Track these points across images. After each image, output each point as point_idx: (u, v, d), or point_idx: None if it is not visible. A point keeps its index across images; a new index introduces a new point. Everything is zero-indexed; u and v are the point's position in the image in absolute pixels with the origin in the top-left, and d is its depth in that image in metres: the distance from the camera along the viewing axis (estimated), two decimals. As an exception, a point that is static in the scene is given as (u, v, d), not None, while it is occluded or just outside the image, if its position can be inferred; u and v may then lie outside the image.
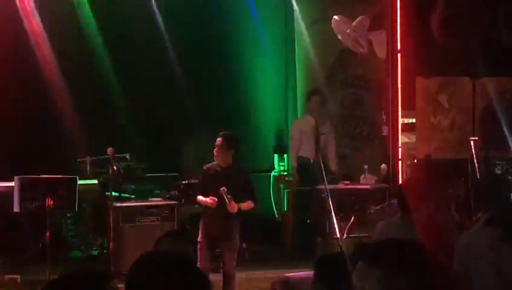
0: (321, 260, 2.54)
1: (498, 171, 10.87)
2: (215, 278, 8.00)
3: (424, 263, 2.49)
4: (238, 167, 8.55)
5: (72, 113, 11.49)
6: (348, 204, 10.52)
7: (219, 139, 8.41)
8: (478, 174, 10.02)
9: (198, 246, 8.19)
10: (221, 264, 8.54)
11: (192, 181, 10.30)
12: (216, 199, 8.26)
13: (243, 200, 8.39)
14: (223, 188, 8.20)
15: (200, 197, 8.45)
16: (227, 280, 8.38)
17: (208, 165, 8.56)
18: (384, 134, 11.84)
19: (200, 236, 8.35)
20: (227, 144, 8.39)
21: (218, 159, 8.44)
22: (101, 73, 11.73)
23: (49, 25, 11.55)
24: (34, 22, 11.51)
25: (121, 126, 11.73)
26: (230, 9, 12.39)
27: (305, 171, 11.25)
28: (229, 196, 8.22)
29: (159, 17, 11.95)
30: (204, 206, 8.46)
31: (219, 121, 11.85)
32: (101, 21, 11.81)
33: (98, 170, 10.71)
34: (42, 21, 11.53)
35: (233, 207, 8.29)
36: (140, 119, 11.91)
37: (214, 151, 8.43)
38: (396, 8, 11.54)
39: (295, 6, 12.12)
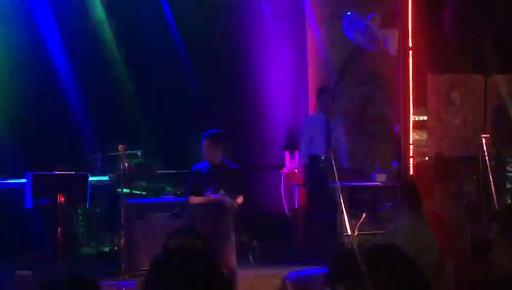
0: (336, 256, 2.54)
1: (509, 169, 10.85)
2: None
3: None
4: (228, 162, 8.60)
5: (84, 110, 11.54)
6: (359, 201, 10.51)
7: (204, 141, 8.41)
8: (490, 173, 10.00)
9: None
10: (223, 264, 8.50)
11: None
12: (214, 195, 8.32)
13: (236, 195, 8.48)
14: (223, 193, 8.28)
15: (198, 198, 8.45)
16: (231, 277, 8.37)
17: (197, 166, 8.59)
18: (395, 132, 11.82)
19: None
20: (213, 143, 8.42)
21: (208, 159, 8.46)
22: (113, 70, 11.78)
23: (62, 23, 11.61)
24: (47, 20, 11.58)
25: (132, 123, 11.76)
26: (241, 6, 12.40)
27: (316, 168, 11.22)
28: (227, 198, 8.33)
29: (169, 13, 11.98)
30: (197, 208, 8.49)
31: (230, 117, 11.89)
32: (112, 19, 11.86)
33: (109, 167, 10.74)
34: (55, 19, 11.59)
35: (228, 201, 8.37)
36: (151, 116, 11.94)
37: (204, 152, 8.43)
38: (408, 5, 11.51)
39: (308, 2, 12.13)
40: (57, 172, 9.31)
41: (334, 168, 9.53)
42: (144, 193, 10.89)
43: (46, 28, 11.63)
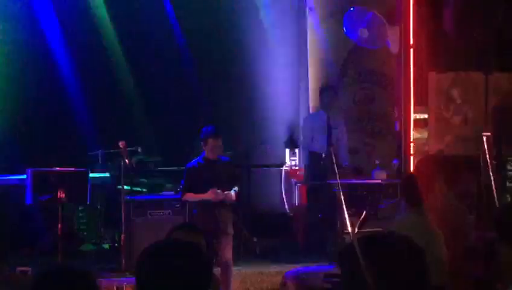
0: (344, 251, 2.53)
1: (509, 168, 10.84)
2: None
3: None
4: (225, 159, 8.72)
5: (85, 106, 11.55)
6: (359, 199, 10.51)
7: (218, 139, 8.45)
8: (490, 171, 10.01)
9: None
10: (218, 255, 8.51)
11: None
12: (215, 191, 8.39)
13: (233, 186, 8.62)
14: (219, 191, 8.36)
15: (196, 195, 8.53)
16: (226, 269, 8.43)
17: (192, 163, 8.66)
18: (396, 130, 11.82)
19: None
20: (221, 141, 8.53)
21: (212, 156, 8.49)
22: (113, 67, 11.79)
23: (63, 18, 11.62)
24: (48, 16, 11.60)
25: (133, 120, 11.77)
26: (242, 4, 12.41)
27: (317, 166, 11.23)
28: (225, 192, 8.41)
29: (170, 11, 12.00)
30: (196, 203, 8.59)
31: (230, 115, 11.90)
32: (114, 15, 11.87)
33: (110, 163, 10.75)
34: (56, 14, 11.60)
35: (231, 197, 8.52)
36: (152, 113, 11.95)
37: (211, 151, 8.46)
38: (410, 3, 11.50)
39: (308, 0, 12.14)
40: (57, 168, 9.31)
41: (335, 166, 9.56)
42: (144, 189, 10.88)
43: (47, 24, 11.64)
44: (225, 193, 8.46)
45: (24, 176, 9.30)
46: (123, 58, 11.87)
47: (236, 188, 8.68)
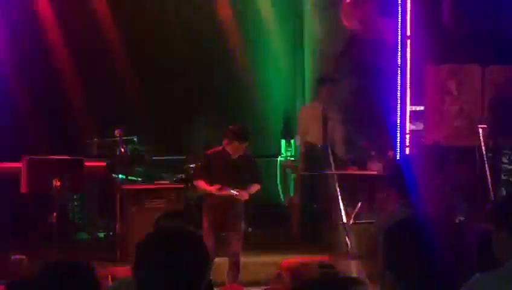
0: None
1: (504, 161, 10.87)
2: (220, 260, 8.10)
3: None
4: (245, 154, 8.53)
5: (80, 94, 11.55)
6: (354, 190, 10.54)
7: (244, 142, 8.31)
8: (486, 162, 10.03)
9: (205, 232, 8.15)
10: (227, 246, 8.52)
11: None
12: (221, 187, 8.27)
13: (250, 185, 8.45)
14: (232, 191, 8.26)
15: (205, 186, 8.40)
16: (234, 261, 8.44)
17: (214, 151, 8.52)
18: (392, 121, 11.84)
19: (205, 223, 8.33)
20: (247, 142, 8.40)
21: (233, 153, 8.34)
22: (110, 56, 11.79)
23: (59, 7, 11.61)
24: (44, 4, 11.59)
25: (129, 108, 11.78)
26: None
27: (313, 157, 11.27)
28: (236, 191, 8.29)
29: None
30: (208, 193, 8.44)
31: (226, 105, 11.93)
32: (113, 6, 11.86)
33: (105, 152, 10.74)
34: (52, 3, 11.59)
35: (244, 196, 8.38)
36: (148, 102, 11.96)
37: (232, 150, 8.33)
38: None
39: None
40: (53, 157, 9.31)
41: (330, 157, 9.59)
42: (139, 179, 10.90)
43: (44, 11, 11.61)
44: (236, 191, 8.29)
45: (19, 164, 9.28)
46: (120, 47, 11.86)
47: (255, 186, 8.48)
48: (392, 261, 2.96)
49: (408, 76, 11.47)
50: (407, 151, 11.35)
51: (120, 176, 10.11)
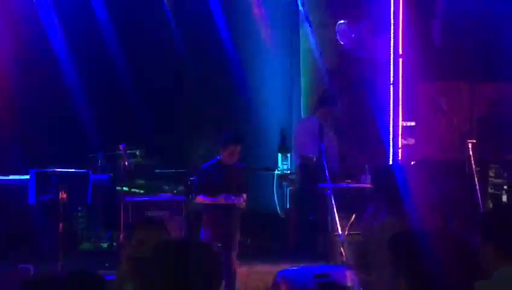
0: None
1: (491, 174, 11.05)
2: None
3: None
4: (237, 164, 8.70)
5: (86, 110, 11.66)
6: (349, 202, 10.67)
7: (237, 146, 8.45)
8: (475, 177, 10.24)
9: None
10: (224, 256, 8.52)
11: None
12: (226, 195, 8.46)
13: (241, 194, 8.62)
14: (228, 196, 8.45)
15: (206, 199, 8.55)
16: (230, 271, 8.55)
17: (207, 166, 8.67)
18: (384, 136, 12.00)
19: (206, 234, 8.52)
20: (241, 147, 8.57)
21: (228, 161, 8.52)
22: (114, 70, 11.82)
23: (64, 19, 11.76)
24: (51, 17, 11.74)
25: (132, 123, 11.88)
26: (237, 10, 12.61)
27: (308, 170, 11.41)
28: (233, 197, 8.50)
29: (170, 17, 12.17)
30: (208, 206, 8.58)
31: (225, 118, 12.05)
32: (114, 17, 11.97)
33: (110, 165, 10.93)
34: (59, 16, 11.74)
35: (241, 204, 8.56)
36: (151, 117, 12.00)
37: (229, 155, 8.47)
38: (399, 13, 11.68)
39: (301, 8, 12.34)
40: (60, 170, 9.51)
41: (326, 170, 9.78)
42: (142, 191, 11.10)
43: (50, 26, 11.73)
44: (237, 199, 8.49)
45: (25, 176, 9.48)
46: (124, 61, 11.95)
47: (244, 196, 8.63)
48: (409, 270, 3.07)
49: (400, 93, 11.65)
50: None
51: (123, 188, 10.30)
